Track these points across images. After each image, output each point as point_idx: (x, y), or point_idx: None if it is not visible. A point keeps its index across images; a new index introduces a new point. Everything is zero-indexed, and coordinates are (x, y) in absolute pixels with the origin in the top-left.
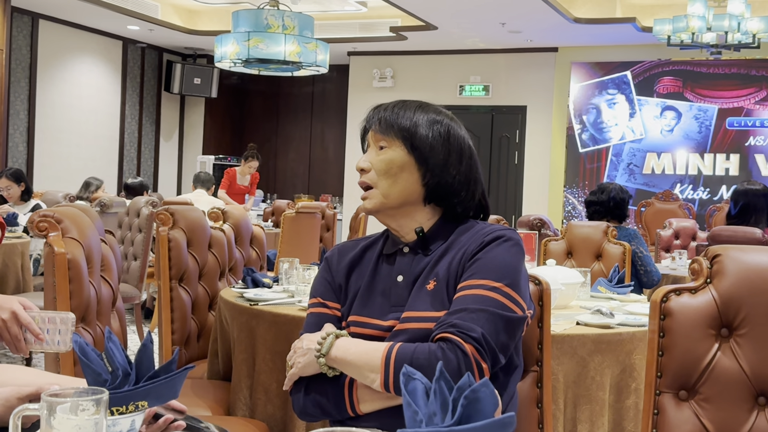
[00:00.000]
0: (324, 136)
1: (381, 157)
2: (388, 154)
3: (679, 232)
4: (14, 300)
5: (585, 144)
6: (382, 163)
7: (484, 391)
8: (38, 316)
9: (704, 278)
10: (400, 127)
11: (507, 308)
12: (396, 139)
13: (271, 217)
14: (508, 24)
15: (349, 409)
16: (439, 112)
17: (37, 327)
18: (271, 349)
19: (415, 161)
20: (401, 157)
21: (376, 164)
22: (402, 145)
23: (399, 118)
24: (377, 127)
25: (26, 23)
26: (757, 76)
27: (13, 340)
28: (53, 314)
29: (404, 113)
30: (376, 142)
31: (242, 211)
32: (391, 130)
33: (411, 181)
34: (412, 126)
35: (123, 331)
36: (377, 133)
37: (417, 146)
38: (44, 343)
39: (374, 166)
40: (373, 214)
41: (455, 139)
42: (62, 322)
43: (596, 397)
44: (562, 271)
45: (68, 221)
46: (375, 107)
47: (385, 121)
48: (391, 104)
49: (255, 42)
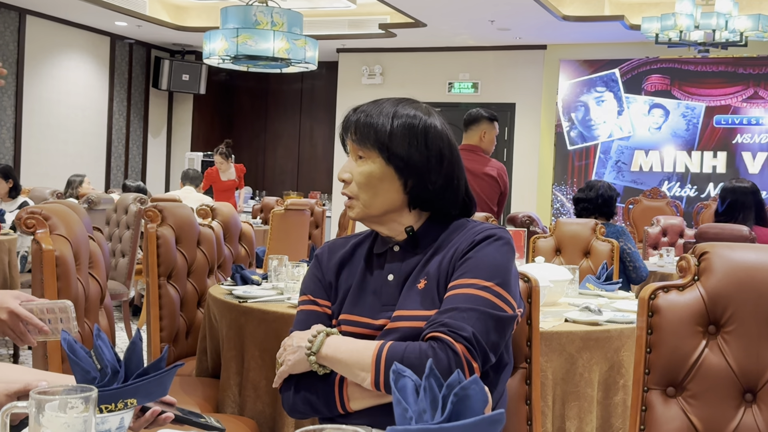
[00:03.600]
0: (313, 133)
1: (360, 170)
2: (367, 166)
3: (667, 229)
4: (9, 297)
5: (573, 141)
6: (361, 176)
7: (473, 389)
8: (36, 307)
9: (692, 275)
10: (376, 138)
11: (497, 307)
12: (373, 150)
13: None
14: (497, 21)
15: (339, 406)
16: (416, 108)
17: (38, 320)
18: (260, 346)
19: (394, 172)
20: (380, 168)
21: (356, 176)
22: (379, 156)
23: (373, 127)
24: (354, 136)
25: (13, 19)
26: (744, 74)
27: (19, 336)
28: (51, 304)
29: (378, 120)
30: (354, 152)
31: (231, 207)
32: (366, 141)
33: (392, 190)
34: (387, 136)
35: (111, 329)
36: (354, 143)
37: (394, 157)
38: (49, 334)
39: (354, 178)
40: (359, 221)
41: (433, 140)
42: (61, 310)
43: (584, 393)
44: (551, 268)
45: (56, 218)
46: (351, 111)
47: (359, 131)
48: (362, 108)
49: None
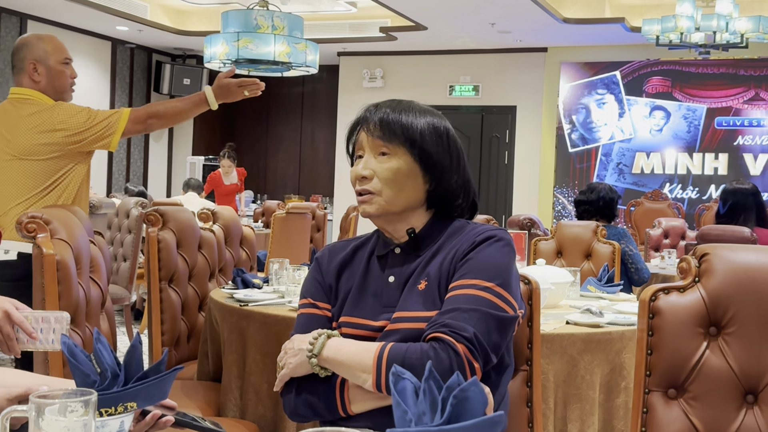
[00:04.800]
0: (314, 136)
1: (386, 166)
2: (394, 162)
3: (669, 231)
4: (5, 299)
5: (575, 144)
6: (388, 172)
7: (473, 390)
8: (31, 315)
9: (693, 277)
10: (407, 134)
11: (498, 308)
12: (401, 147)
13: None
14: (498, 24)
15: (340, 409)
16: (434, 114)
17: (30, 326)
18: (262, 349)
19: (420, 169)
20: (408, 165)
21: (381, 173)
22: (408, 153)
23: (402, 123)
24: (377, 131)
25: (15, 24)
26: (745, 75)
27: (6, 340)
28: (47, 314)
29: (406, 117)
30: (376, 148)
31: (232, 211)
32: (394, 136)
33: (416, 188)
34: (418, 132)
35: (113, 333)
36: (377, 138)
37: (425, 154)
38: (38, 342)
39: (378, 174)
40: (372, 219)
41: (454, 142)
42: (56, 321)
43: (586, 396)
44: (552, 270)
45: (57, 222)
46: (369, 107)
47: (387, 127)
48: (386, 105)
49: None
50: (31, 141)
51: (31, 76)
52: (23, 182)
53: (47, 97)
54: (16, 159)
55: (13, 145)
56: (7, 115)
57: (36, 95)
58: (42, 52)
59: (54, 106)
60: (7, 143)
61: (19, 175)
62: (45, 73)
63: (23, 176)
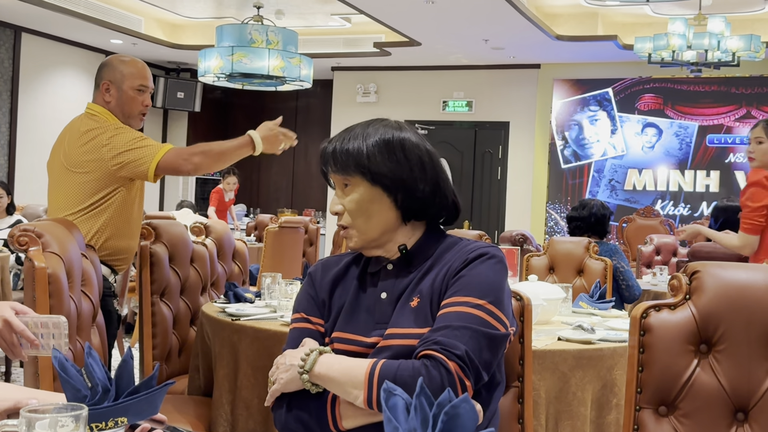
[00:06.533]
0: (308, 150)
1: (349, 198)
2: (355, 193)
3: (660, 248)
4: (6, 306)
5: (567, 160)
6: (352, 203)
7: (464, 407)
8: (31, 321)
9: (683, 294)
10: (356, 162)
11: (490, 326)
12: (356, 175)
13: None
14: (491, 41)
15: (331, 425)
16: (386, 125)
17: (31, 333)
18: (253, 364)
19: (382, 191)
20: (367, 191)
21: (348, 205)
22: (363, 180)
23: (349, 152)
24: (334, 166)
25: (8, 36)
26: (737, 93)
27: (10, 347)
28: (45, 318)
29: (353, 144)
30: (339, 182)
31: (225, 225)
32: (347, 167)
33: (384, 209)
34: (365, 157)
35: (104, 347)
36: (336, 173)
37: (378, 176)
38: (40, 348)
39: (346, 207)
40: (358, 251)
41: (411, 151)
42: (54, 326)
43: (578, 412)
44: (544, 286)
45: (49, 236)
46: (324, 143)
47: (338, 159)
48: (336, 138)
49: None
50: (80, 154)
51: (103, 96)
52: (72, 194)
53: (115, 117)
54: (67, 170)
55: (67, 156)
56: (71, 127)
57: (104, 113)
58: (118, 75)
59: (111, 126)
60: (64, 154)
61: (69, 186)
62: (116, 96)
63: (72, 188)
